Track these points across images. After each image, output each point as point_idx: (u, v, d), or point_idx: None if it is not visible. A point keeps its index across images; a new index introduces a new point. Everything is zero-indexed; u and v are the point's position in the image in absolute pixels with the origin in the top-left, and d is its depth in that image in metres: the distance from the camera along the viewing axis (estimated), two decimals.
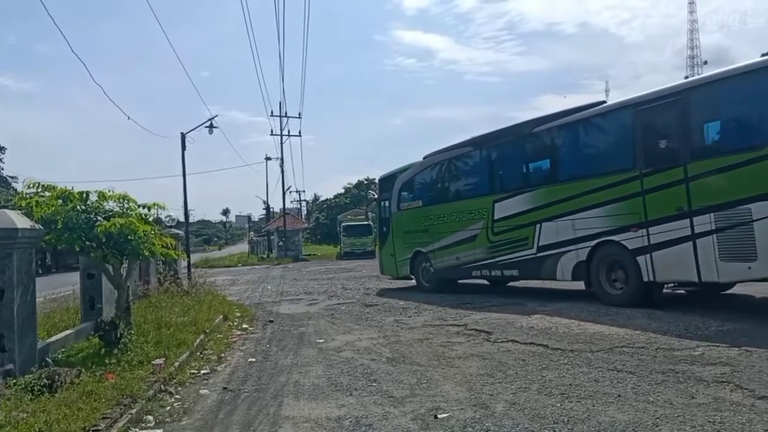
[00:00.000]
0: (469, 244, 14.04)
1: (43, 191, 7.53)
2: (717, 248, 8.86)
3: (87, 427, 4.89)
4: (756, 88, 8.61)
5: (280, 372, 7.46)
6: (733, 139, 9.13)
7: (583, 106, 11.66)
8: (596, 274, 10.92)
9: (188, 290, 14.29)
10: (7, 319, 6.32)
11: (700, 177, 9.10)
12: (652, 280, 9.93)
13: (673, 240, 9.48)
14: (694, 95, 9.43)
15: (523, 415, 5.07)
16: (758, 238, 8.33)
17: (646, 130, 10.03)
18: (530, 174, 12.93)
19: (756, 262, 8.39)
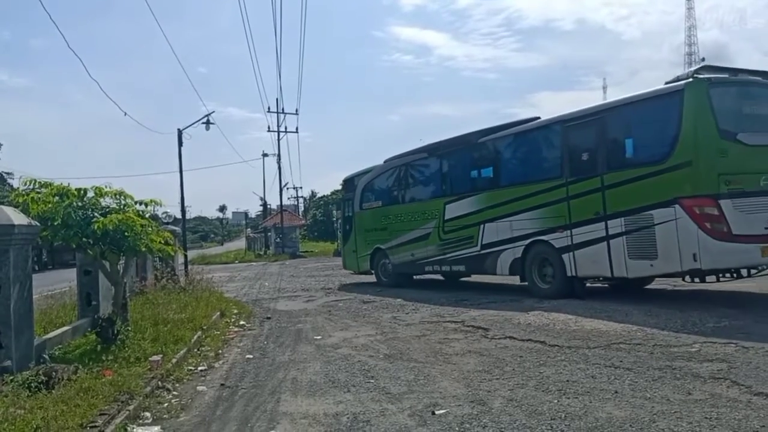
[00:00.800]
0: (423, 242, 15.22)
1: (39, 188, 7.51)
2: (626, 248, 10.21)
3: (84, 424, 4.89)
4: (658, 111, 10.04)
5: (277, 368, 7.46)
6: (640, 154, 10.33)
7: (521, 120, 13.25)
8: (529, 270, 12.24)
9: (185, 287, 14.28)
10: (3, 315, 6.31)
11: (613, 186, 10.44)
12: (574, 275, 11.27)
13: (591, 240, 10.84)
14: (610, 115, 10.84)
15: (520, 411, 5.08)
16: (658, 240, 9.69)
17: (571, 144, 11.39)
18: (476, 179, 14.00)
19: (657, 260, 9.79)
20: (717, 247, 9.14)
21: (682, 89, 9.55)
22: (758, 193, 9.38)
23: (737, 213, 9.20)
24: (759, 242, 9.23)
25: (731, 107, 9.78)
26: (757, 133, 9.60)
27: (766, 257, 9.29)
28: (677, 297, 10.70)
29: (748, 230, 9.20)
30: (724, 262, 9.40)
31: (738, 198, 9.26)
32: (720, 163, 9.27)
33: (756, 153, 9.51)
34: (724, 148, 9.33)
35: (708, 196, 9.22)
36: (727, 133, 9.36)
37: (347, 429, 4.96)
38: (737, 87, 10.05)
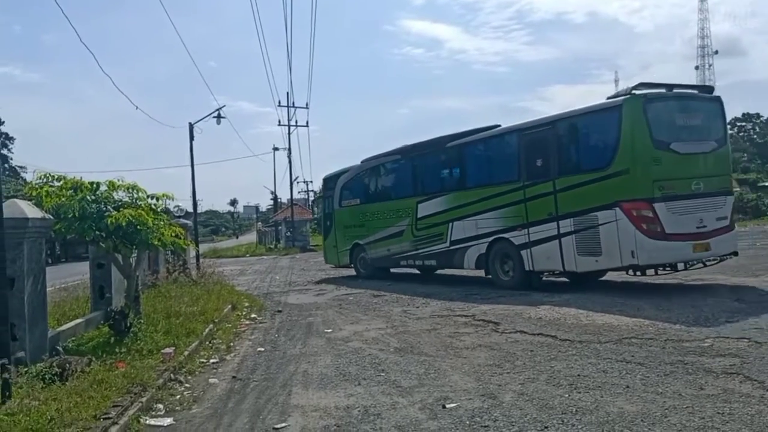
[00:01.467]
0: (398, 238, 16.29)
1: (53, 181, 7.56)
2: (575, 245, 11.31)
3: (98, 415, 4.94)
4: (601, 123, 11.21)
5: (288, 361, 7.50)
6: (586, 161, 11.47)
7: (485, 127, 14.19)
8: (492, 264, 13.38)
9: (197, 280, 14.36)
10: (17, 308, 6.37)
11: (564, 190, 11.50)
12: (532, 269, 12.40)
13: (545, 238, 11.91)
14: (560, 126, 11.93)
15: (531, 405, 5.08)
16: (602, 238, 10.77)
17: (528, 151, 12.41)
18: (445, 181, 15.03)
19: (601, 256, 10.89)
20: (652, 245, 10.24)
21: (620, 104, 10.61)
22: (689, 196, 10.48)
23: (670, 214, 10.28)
24: (690, 240, 10.40)
25: (665, 120, 10.71)
26: (689, 142, 10.69)
27: (697, 253, 10.53)
28: (690, 292, 10.63)
29: (681, 229, 10.34)
30: (659, 258, 10.47)
31: (671, 201, 10.32)
32: (654, 171, 10.32)
33: (687, 160, 10.65)
34: (658, 156, 10.36)
35: (644, 200, 10.28)
36: (661, 143, 10.39)
37: (358, 422, 4.98)
38: (671, 101, 11.01)
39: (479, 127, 14.33)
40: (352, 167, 18.93)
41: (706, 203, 10.67)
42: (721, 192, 11.08)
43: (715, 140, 11.18)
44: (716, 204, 10.87)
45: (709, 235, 10.59)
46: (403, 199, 16.18)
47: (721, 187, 11.09)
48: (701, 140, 10.96)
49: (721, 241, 10.75)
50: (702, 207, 10.61)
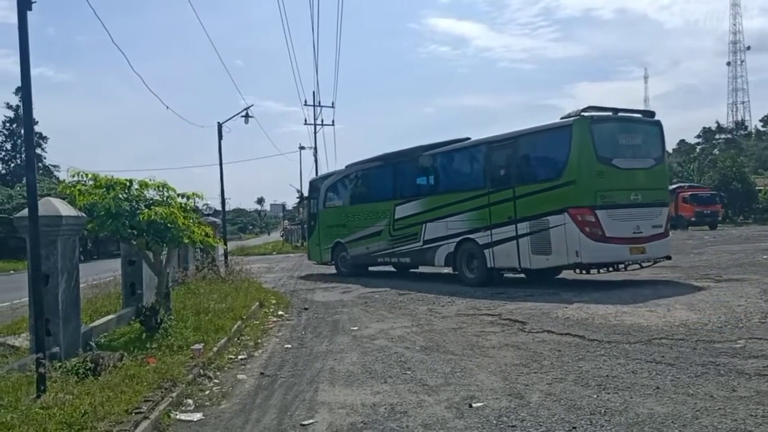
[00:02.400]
0: (377, 238, 17.58)
1: (86, 180, 7.71)
2: (530, 245, 12.73)
3: (130, 410, 5.03)
4: (554, 140, 12.72)
5: (315, 358, 7.55)
6: (541, 172, 13.06)
7: (456, 139, 15.80)
8: (460, 262, 14.71)
9: (225, 277, 14.53)
10: (52, 304, 6.51)
11: (522, 197, 12.97)
12: (493, 266, 13.80)
13: (505, 239, 13.34)
14: (520, 141, 13.41)
15: (559, 405, 5.05)
16: (552, 239, 12.25)
17: (493, 162, 13.98)
18: (420, 186, 16.58)
19: (551, 255, 12.36)
20: (593, 246, 11.75)
21: (571, 124, 12.16)
22: (628, 205, 12.10)
23: (610, 220, 11.81)
24: (627, 243, 11.97)
25: (609, 139, 12.26)
26: (629, 159, 12.33)
27: (633, 255, 12.13)
28: (721, 292, 10.45)
29: (619, 234, 11.87)
30: (599, 257, 11.98)
31: (611, 209, 11.87)
32: (597, 182, 11.84)
33: (627, 174, 12.23)
34: (601, 170, 11.90)
35: (587, 207, 11.78)
36: (604, 159, 11.97)
37: (384, 419, 5.00)
38: (615, 123, 12.58)
39: (451, 139, 16.00)
40: (337, 171, 20.77)
41: (642, 212, 12.28)
42: (657, 203, 12.69)
43: (654, 158, 12.86)
44: (652, 213, 12.47)
45: (645, 240, 12.20)
46: (382, 201, 17.55)
47: (657, 199, 12.72)
48: (640, 158, 12.60)
49: (655, 245, 12.40)
50: (639, 215, 12.21)
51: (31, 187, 5.77)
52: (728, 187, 46.92)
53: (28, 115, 5.83)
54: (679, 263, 16.38)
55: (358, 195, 19.15)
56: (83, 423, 4.61)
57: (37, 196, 5.90)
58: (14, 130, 58.69)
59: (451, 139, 15.98)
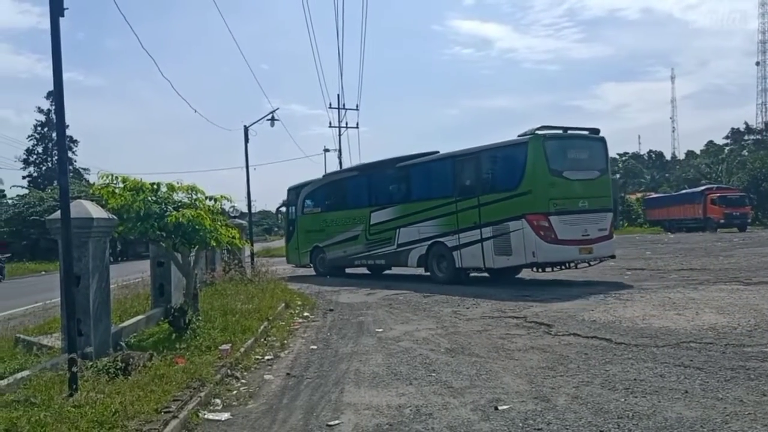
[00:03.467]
0: (353, 241, 19.06)
1: (116, 182, 7.85)
2: (493, 247, 14.44)
3: (159, 409, 5.11)
4: (513, 155, 14.44)
5: (340, 360, 7.59)
6: (501, 183, 14.65)
7: (427, 152, 17.75)
8: (431, 263, 16.41)
9: (252, 278, 14.66)
10: (83, 304, 6.65)
11: (485, 204, 14.66)
12: (461, 266, 15.45)
13: (471, 242, 14.98)
14: (483, 155, 15.25)
15: (586, 408, 5.01)
16: (512, 242, 13.96)
17: (460, 173, 15.72)
18: (394, 194, 18.16)
19: (511, 256, 14.09)
20: (547, 247, 13.45)
21: (527, 141, 13.91)
22: (577, 211, 13.75)
23: (562, 225, 13.46)
24: (577, 245, 13.67)
25: (559, 154, 13.93)
26: (577, 171, 14.02)
27: (582, 255, 13.87)
28: (751, 295, 10.26)
29: (570, 236, 13.54)
30: (553, 257, 13.72)
31: (562, 215, 13.53)
32: (550, 192, 13.54)
33: (576, 184, 13.93)
34: (553, 181, 13.60)
35: (542, 214, 13.47)
36: (556, 171, 13.65)
37: (410, 421, 5.01)
38: (565, 140, 14.33)
39: (422, 152, 17.88)
40: (314, 180, 21.92)
41: (589, 218, 13.92)
42: (603, 209, 14.34)
43: (599, 170, 14.54)
44: (598, 218, 14.12)
45: (592, 241, 13.88)
46: (359, 208, 19.04)
47: (602, 206, 14.34)
48: (587, 170, 14.28)
49: (601, 246, 14.11)
50: (587, 220, 13.85)
51: (63, 190, 5.89)
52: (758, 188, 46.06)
53: (61, 120, 5.96)
54: (708, 266, 16.14)
55: (336, 202, 20.47)
56: (114, 421, 4.70)
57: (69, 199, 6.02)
58: (45, 134, 59.92)
59: (422, 152, 17.92)
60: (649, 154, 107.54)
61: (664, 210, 53.42)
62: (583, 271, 15.71)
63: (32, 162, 60.45)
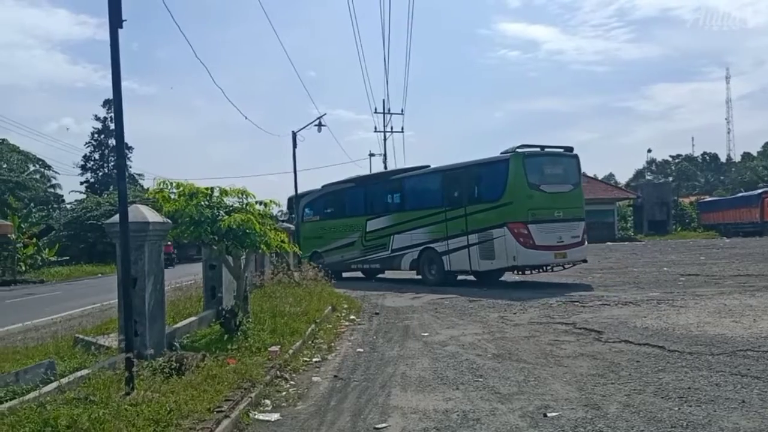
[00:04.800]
0: (350, 247, 20.68)
1: (171, 188, 8.09)
2: (478, 252, 16.20)
3: (212, 408, 5.23)
4: (496, 170, 16.15)
5: (387, 363, 7.63)
6: (486, 195, 16.40)
7: (418, 166, 19.98)
8: (422, 267, 18.23)
9: (299, 282, 14.84)
10: (139, 306, 6.85)
11: (471, 214, 16.46)
12: (450, 270, 17.25)
13: (459, 247, 16.76)
14: (470, 169, 17.10)
15: (638, 417, 4.91)
16: (495, 247, 15.70)
17: (449, 185, 17.51)
18: (388, 204, 20.04)
19: (494, 260, 15.86)
20: (526, 252, 15.23)
21: (509, 158, 15.68)
22: (553, 220, 15.53)
23: (539, 232, 15.21)
24: (553, 250, 15.51)
25: (537, 169, 15.76)
26: (553, 185, 15.86)
27: (557, 259, 15.71)
28: None
29: (546, 242, 15.35)
30: (531, 261, 15.53)
31: (540, 223, 15.29)
32: (529, 203, 15.32)
33: (552, 197, 15.70)
34: (531, 194, 15.40)
35: (522, 222, 15.25)
36: (533, 185, 15.47)
37: (457, 426, 5.01)
38: (542, 157, 16.20)
39: (414, 166, 20.28)
40: (313, 190, 23.24)
41: (564, 226, 15.66)
42: (576, 218, 16.07)
43: (572, 184, 16.37)
44: (572, 227, 15.88)
45: (566, 247, 15.66)
46: (356, 217, 20.74)
47: (575, 215, 16.09)
48: (562, 183, 16.10)
49: (574, 251, 15.94)
50: (561, 228, 15.61)
51: (122, 195, 6.10)
52: None
53: (120, 127, 6.15)
54: (765, 272, 15.61)
55: (334, 211, 22.07)
56: (169, 420, 4.82)
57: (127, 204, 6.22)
58: (102, 141, 61.92)
59: (413, 166, 20.31)
60: (703, 157, 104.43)
61: (719, 214, 51.84)
62: (634, 276, 15.43)
63: (89, 168, 62.46)
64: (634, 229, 56.71)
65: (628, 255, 28.44)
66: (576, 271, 19.66)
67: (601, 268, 20.80)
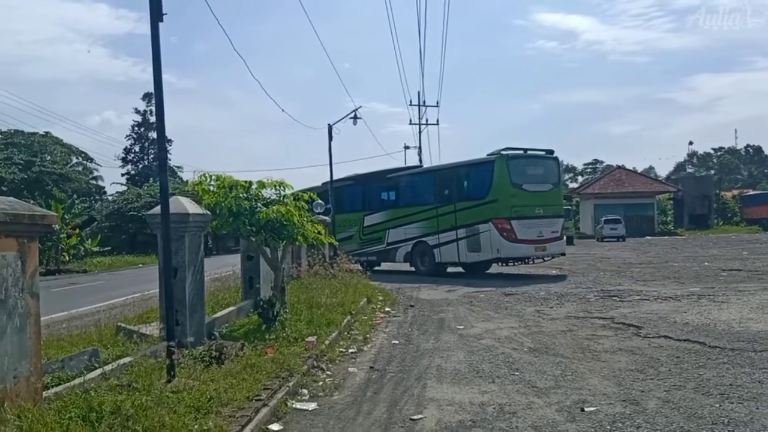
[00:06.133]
0: (348, 241, 21.51)
1: (210, 180, 8.21)
2: (466, 245, 17.90)
3: (251, 397, 5.33)
4: (482, 170, 17.91)
5: (422, 355, 7.65)
6: (473, 193, 18.19)
7: (411, 166, 23.71)
8: (415, 259, 19.91)
9: (335, 273, 14.93)
10: (179, 295, 6.99)
11: (460, 210, 18.11)
12: (440, 261, 18.96)
13: (449, 241, 18.42)
14: (459, 169, 19.13)
15: (677, 413, 4.84)
16: (481, 241, 17.38)
17: (440, 184, 19.31)
18: (384, 201, 21.80)
19: (480, 252, 17.58)
20: (509, 245, 16.90)
21: (494, 160, 17.40)
22: (534, 217, 17.15)
23: (521, 227, 16.84)
24: (533, 244, 17.13)
25: (520, 170, 17.42)
26: (534, 184, 17.48)
27: (537, 252, 17.37)
28: None
29: (527, 237, 16.93)
30: (513, 253, 17.33)
31: (522, 219, 16.92)
32: (512, 201, 16.91)
33: (533, 195, 17.34)
34: (514, 193, 17.02)
35: (505, 218, 16.86)
36: (516, 184, 17.10)
37: (493, 419, 5.00)
38: (524, 159, 17.96)
39: (407, 166, 23.50)
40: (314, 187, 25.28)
41: (544, 222, 17.28)
42: (555, 215, 17.89)
43: (552, 183, 18.05)
44: (551, 223, 17.57)
45: (545, 241, 17.28)
46: (354, 212, 22.19)
47: (554, 212, 17.88)
48: (542, 183, 17.72)
49: (553, 245, 17.61)
50: (541, 224, 17.22)
51: (163, 187, 6.21)
52: None
53: (161, 119, 6.26)
54: None
55: (333, 207, 22.40)
56: (209, 407, 4.92)
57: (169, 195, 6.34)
58: (142, 134, 63.15)
59: (407, 166, 23.31)
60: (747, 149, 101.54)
61: (764, 208, 50.39)
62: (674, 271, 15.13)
63: (130, 160, 63.76)
64: (674, 223, 55.60)
65: (668, 249, 27.91)
66: (615, 266, 19.49)
67: (640, 263, 20.48)
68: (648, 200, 51.92)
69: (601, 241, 40.84)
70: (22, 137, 36.39)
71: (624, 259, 22.64)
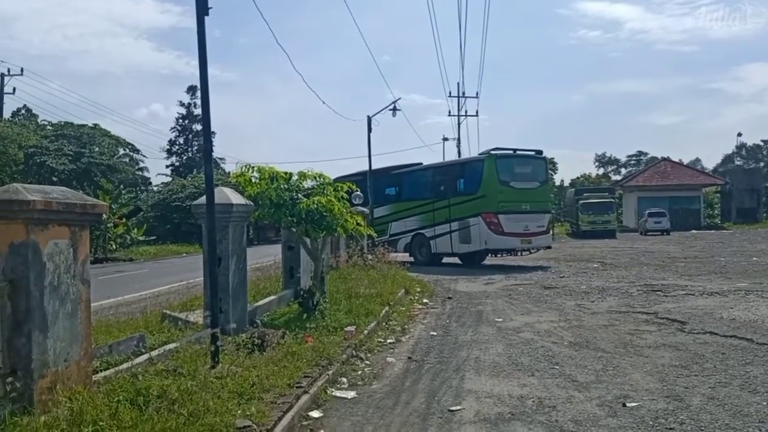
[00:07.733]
0: None
1: (252, 172, 8.35)
2: (458, 237, 19.44)
3: (292, 384, 5.42)
4: (473, 168, 19.80)
5: (460, 347, 7.66)
6: (465, 189, 19.77)
7: (412, 164, 23.88)
8: (414, 249, 21.44)
9: (373, 264, 15.02)
10: (223, 284, 7.14)
11: (453, 205, 19.68)
12: (436, 252, 20.59)
13: (444, 233, 20.00)
14: (453, 167, 21.77)
15: (722, 410, 4.75)
16: (471, 233, 18.96)
17: (436, 180, 21.16)
18: (389, 195, 23.34)
19: (470, 244, 19.13)
20: (496, 238, 18.39)
21: (484, 159, 19.30)
22: (521, 212, 18.61)
23: (508, 221, 18.30)
24: (519, 237, 18.62)
25: (508, 168, 19.02)
26: (521, 181, 19.04)
27: (523, 245, 18.95)
28: None
29: (513, 230, 18.44)
30: (500, 245, 18.93)
31: (509, 214, 18.37)
32: (500, 197, 18.43)
33: (520, 192, 18.85)
34: (502, 189, 18.55)
35: (493, 213, 18.32)
36: (504, 182, 18.66)
37: (533, 412, 4.99)
38: (513, 158, 19.58)
39: (409, 163, 24.01)
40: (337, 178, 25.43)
41: (530, 217, 18.82)
42: (541, 211, 19.53)
43: (539, 181, 19.81)
44: (537, 218, 19.15)
45: (531, 235, 18.81)
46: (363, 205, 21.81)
47: (541, 208, 19.52)
48: (530, 180, 19.36)
49: (539, 239, 19.20)
50: (528, 219, 18.74)
51: (208, 178, 6.34)
52: None
53: (206, 111, 6.36)
54: None
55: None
56: (252, 393, 5.03)
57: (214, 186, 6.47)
58: (186, 126, 64.29)
59: (409, 163, 24.04)
60: None
61: None
62: (721, 266, 14.78)
63: (174, 152, 64.95)
64: (722, 217, 54.05)
65: (714, 244, 27.19)
66: (658, 260, 19.12)
67: (685, 257, 20.02)
68: (694, 193, 50.60)
69: (645, 235, 40.04)
70: (72, 129, 37.34)
71: (668, 253, 22.17)
